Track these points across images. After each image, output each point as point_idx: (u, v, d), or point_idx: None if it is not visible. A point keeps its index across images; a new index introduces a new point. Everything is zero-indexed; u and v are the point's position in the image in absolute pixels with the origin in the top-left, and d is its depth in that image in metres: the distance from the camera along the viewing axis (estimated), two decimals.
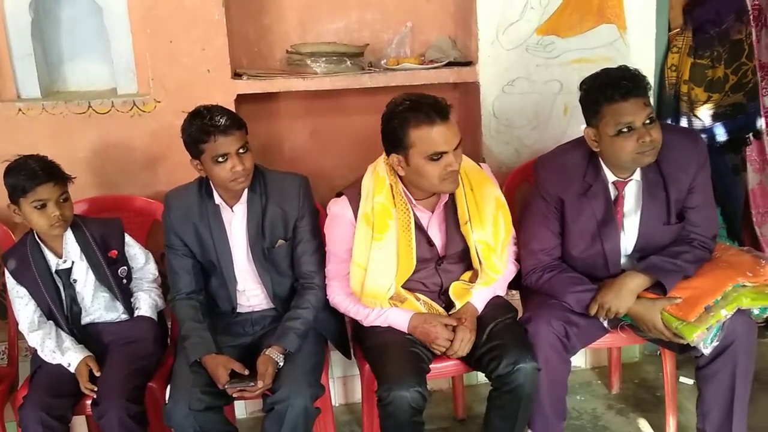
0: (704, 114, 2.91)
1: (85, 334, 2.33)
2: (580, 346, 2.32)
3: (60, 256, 2.31)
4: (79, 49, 2.73)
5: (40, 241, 2.31)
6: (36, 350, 2.31)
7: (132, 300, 2.40)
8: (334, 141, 2.91)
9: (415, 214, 2.23)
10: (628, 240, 2.32)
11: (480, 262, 2.27)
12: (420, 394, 2.09)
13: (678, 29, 2.88)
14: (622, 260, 2.33)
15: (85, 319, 2.36)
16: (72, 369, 2.21)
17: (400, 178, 2.21)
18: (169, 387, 2.22)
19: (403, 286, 2.26)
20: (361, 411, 2.44)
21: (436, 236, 2.29)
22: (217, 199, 2.30)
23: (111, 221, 2.42)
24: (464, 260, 2.32)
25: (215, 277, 2.36)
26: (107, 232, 2.38)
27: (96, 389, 2.17)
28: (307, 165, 2.82)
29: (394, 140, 2.12)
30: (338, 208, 2.28)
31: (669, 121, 2.91)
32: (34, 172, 2.19)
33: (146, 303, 2.38)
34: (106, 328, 2.37)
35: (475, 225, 2.24)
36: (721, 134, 2.94)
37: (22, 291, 2.30)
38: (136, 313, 2.37)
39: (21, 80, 2.61)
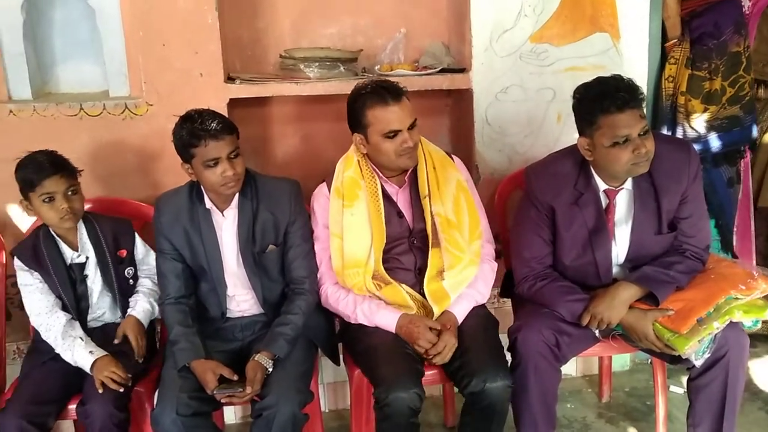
0: (700, 125, 2.92)
1: (88, 334, 2.30)
2: (570, 355, 2.32)
3: (76, 249, 2.32)
4: (71, 50, 2.72)
5: (55, 234, 2.32)
6: (26, 353, 2.30)
7: (130, 300, 2.39)
8: (326, 146, 2.90)
9: (384, 188, 2.35)
10: (619, 249, 2.31)
11: (440, 238, 2.30)
12: (418, 396, 2.10)
13: (676, 40, 2.88)
14: (614, 269, 2.33)
15: (90, 317, 2.35)
16: (92, 358, 2.17)
17: (367, 156, 2.35)
18: (157, 392, 2.20)
19: (383, 267, 2.30)
20: (350, 417, 2.43)
21: (405, 209, 2.37)
22: (208, 204, 2.29)
23: (123, 220, 2.43)
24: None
25: (205, 281, 2.35)
26: (118, 231, 2.38)
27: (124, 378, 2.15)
28: (299, 169, 2.80)
29: (355, 121, 2.31)
30: (317, 190, 2.44)
31: (665, 131, 2.91)
32: (42, 166, 2.22)
33: (141, 307, 2.36)
34: (105, 328, 2.35)
35: (434, 199, 2.33)
36: (716, 145, 2.94)
37: (36, 277, 2.28)
38: (128, 312, 2.35)
39: (12, 81, 2.59)
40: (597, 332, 2.31)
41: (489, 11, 2.68)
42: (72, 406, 2.18)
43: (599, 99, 2.13)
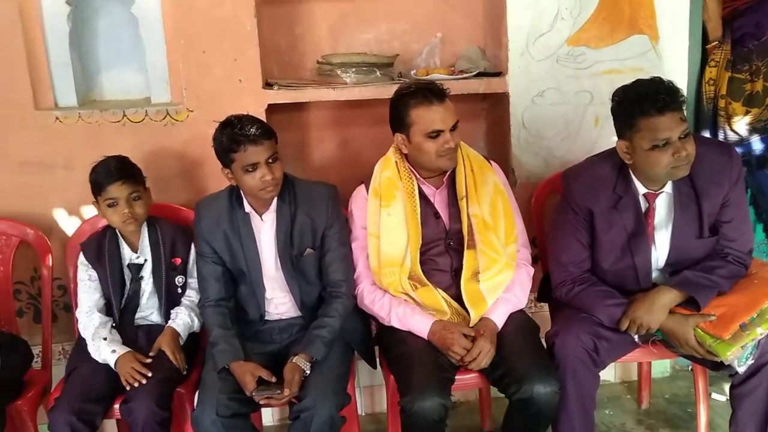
0: (741, 128, 2.87)
1: (133, 331, 2.40)
2: (609, 360, 2.30)
3: (135, 251, 2.41)
4: (115, 58, 2.79)
5: (119, 234, 2.41)
6: (71, 352, 2.37)
7: (172, 312, 2.43)
8: (363, 151, 2.92)
9: (422, 189, 2.38)
10: (659, 253, 2.29)
11: (476, 240, 2.30)
12: (442, 406, 2.09)
13: (716, 42, 2.84)
14: (654, 274, 2.30)
15: (138, 315, 2.43)
16: (115, 357, 2.25)
17: (406, 157, 2.38)
18: (197, 393, 2.24)
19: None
20: (386, 421, 2.44)
21: (443, 210, 2.38)
22: (247, 208, 2.33)
23: (184, 229, 2.49)
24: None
25: (244, 284, 2.39)
26: (177, 239, 2.45)
27: (142, 381, 2.21)
28: (337, 174, 2.83)
29: (398, 120, 2.32)
30: (356, 192, 2.47)
31: (706, 134, 2.86)
32: (108, 171, 2.33)
33: (181, 320, 2.40)
34: (152, 329, 2.42)
35: (471, 201, 2.34)
36: (758, 148, 2.89)
37: (93, 275, 2.39)
38: (168, 323, 2.39)
39: (59, 89, 2.67)
40: (636, 337, 2.28)
41: (525, 15, 2.67)
42: (117, 405, 2.23)
43: (639, 101, 2.11)
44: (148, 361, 2.27)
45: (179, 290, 2.45)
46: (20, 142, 2.61)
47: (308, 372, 2.19)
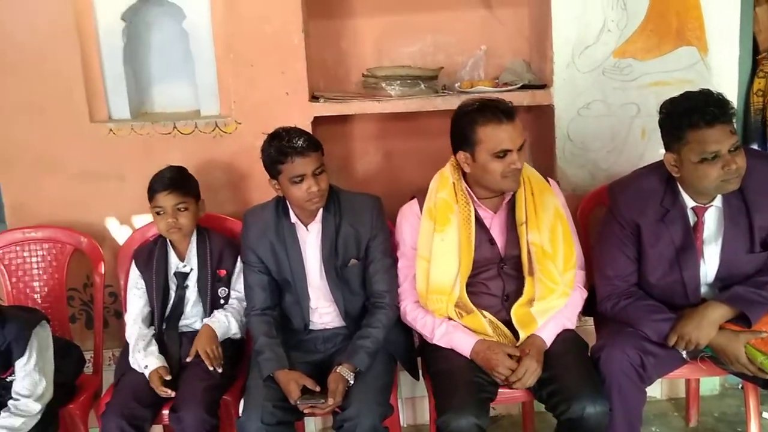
0: None
1: (177, 338, 2.44)
2: (656, 376, 2.26)
3: (182, 260, 2.47)
4: (166, 72, 2.87)
5: (168, 243, 2.48)
6: (119, 357, 2.44)
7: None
8: (407, 162, 2.94)
9: (477, 213, 2.31)
10: (708, 268, 2.24)
11: (534, 268, 2.26)
12: (479, 427, 2.07)
13: (766, 53, 2.79)
14: (703, 289, 2.26)
15: (182, 323, 2.48)
16: (147, 372, 2.31)
17: (465, 177, 2.32)
18: (242, 400, 2.27)
19: (468, 291, 2.28)
20: None
21: (498, 236, 2.33)
22: (293, 218, 2.36)
23: (233, 242, 2.52)
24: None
25: (289, 293, 2.42)
26: (225, 251, 2.49)
27: (172, 393, 2.26)
28: (380, 186, 2.85)
29: (462, 138, 2.25)
30: (407, 207, 2.43)
31: (754, 146, 2.81)
32: (161, 181, 2.42)
33: (217, 317, 2.43)
34: (195, 336, 2.44)
35: (531, 227, 2.28)
36: None
37: (141, 284, 2.47)
38: (205, 320, 2.43)
39: (113, 102, 2.76)
40: (684, 353, 2.24)
41: (571, 28, 2.67)
42: (165, 411, 2.28)
43: (687, 114, 2.08)
44: (168, 378, 2.29)
45: (222, 301, 2.49)
46: (76, 153, 2.70)
47: (352, 382, 2.21)
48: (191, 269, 2.48)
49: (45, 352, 2.25)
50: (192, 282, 2.47)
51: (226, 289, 2.50)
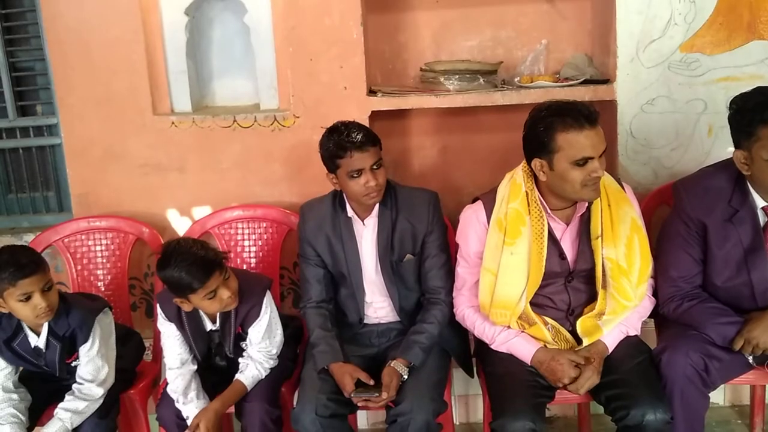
0: None
1: (229, 361, 2.38)
2: (720, 381, 2.18)
3: (214, 322, 2.33)
4: (227, 66, 2.91)
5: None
6: None
7: (240, 360, 2.33)
8: (464, 158, 2.92)
9: (549, 225, 2.19)
10: None
11: (608, 283, 2.18)
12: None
13: None
14: None
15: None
16: (188, 422, 2.23)
17: (538, 186, 2.19)
18: (297, 392, 2.30)
19: (531, 303, 2.22)
20: None
21: (568, 249, 2.22)
22: (350, 212, 2.37)
23: (255, 302, 2.31)
24: (594, 281, 2.24)
25: (345, 287, 2.43)
26: (247, 315, 2.30)
27: None
28: (437, 181, 2.84)
29: (538, 144, 2.10)
30: (472, 212, 2.28)
31: None
32: (199, 269, 2.13)
33: (250, 374, 2.30)
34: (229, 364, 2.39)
35: (606, 241, 2.17)
36: None
37: (174, 332, 2.32)
38: (237, 375, 2.30)
39: (175, 95, 2.81)
40: (751, 359, 2.16)
41: (636, 21, 2.59)
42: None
43: (760, 109, 2.00)
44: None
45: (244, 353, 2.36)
46: (139, 145, 2.77)
47: (406, 377, 2.21)
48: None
49: (108, 339, 2.31)
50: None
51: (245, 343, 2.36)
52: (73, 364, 2.30)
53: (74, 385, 2.26)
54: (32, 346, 2.27)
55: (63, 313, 2.23)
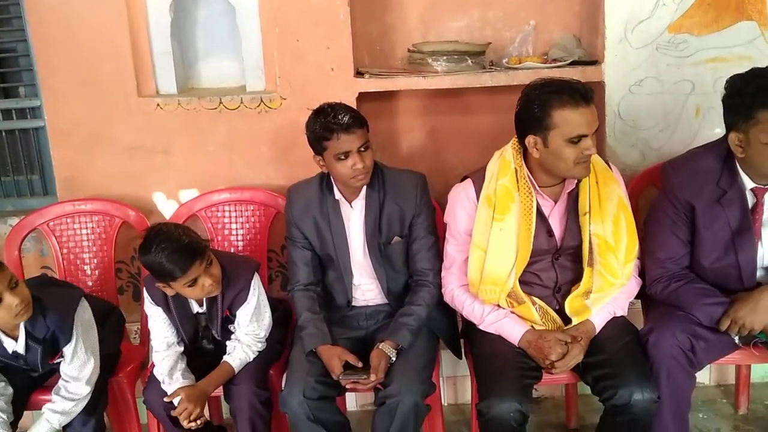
0: None
1: (216, 344, 2.38)
2: (706, 361, 2.20)
3: (201, 305, 2.32)
4: (212, 47, 2.87)
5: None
6: None
7: (228, 343, 2.34)
8: (453, 139, 2.90)
9: (537, 201, 2.20)
10: (765, 251, 2.17)
11: (594, 260, 2.19)
12: (521, 413, 2.05)
13: None
14: (759, 273, 2.19)
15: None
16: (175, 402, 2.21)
17: (527, 162, 2.20)
18: (285, 374, 2.30)
19: (519, 280, 2.22)
20: (470, 413, 2.42)
21: (556, 226, 2.24)
22: (337, 195, 2.35)
23: (243, 285, 2.30)
24: (582, 258, 2.25)
25: (332, 270, 2.42)
26: (235, 298, 2.30)
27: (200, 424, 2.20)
28: (425, 163, 2.82)
29: (532, 121, 2.10)
30: (461, 189, 2.29)
31: None
32: (180, 257, 2.12)
33: (238, 356, 2.29)
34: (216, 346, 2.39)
35: (594, 217, 2.18)
36: None
37: (161, 315, 2.32)
38: (224, 357, 2.30)
39: (160, 77, 2.77)
40: (737, 339, 2.18)
41: (624, 2, 2.58)
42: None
43: (760, 92, 1.99)
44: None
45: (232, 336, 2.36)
46: (124, 128, 2.73)
47: (394, 359, 2.21)
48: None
49: (89, 332, 2.25)
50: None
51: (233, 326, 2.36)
52: (56, 361, 2.23)
53: (60, 382, 2.21)
54: (10, 351, 2.19)
55: (39, 313, 2.13)
